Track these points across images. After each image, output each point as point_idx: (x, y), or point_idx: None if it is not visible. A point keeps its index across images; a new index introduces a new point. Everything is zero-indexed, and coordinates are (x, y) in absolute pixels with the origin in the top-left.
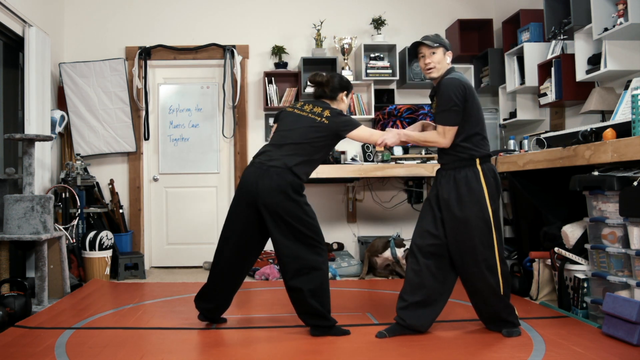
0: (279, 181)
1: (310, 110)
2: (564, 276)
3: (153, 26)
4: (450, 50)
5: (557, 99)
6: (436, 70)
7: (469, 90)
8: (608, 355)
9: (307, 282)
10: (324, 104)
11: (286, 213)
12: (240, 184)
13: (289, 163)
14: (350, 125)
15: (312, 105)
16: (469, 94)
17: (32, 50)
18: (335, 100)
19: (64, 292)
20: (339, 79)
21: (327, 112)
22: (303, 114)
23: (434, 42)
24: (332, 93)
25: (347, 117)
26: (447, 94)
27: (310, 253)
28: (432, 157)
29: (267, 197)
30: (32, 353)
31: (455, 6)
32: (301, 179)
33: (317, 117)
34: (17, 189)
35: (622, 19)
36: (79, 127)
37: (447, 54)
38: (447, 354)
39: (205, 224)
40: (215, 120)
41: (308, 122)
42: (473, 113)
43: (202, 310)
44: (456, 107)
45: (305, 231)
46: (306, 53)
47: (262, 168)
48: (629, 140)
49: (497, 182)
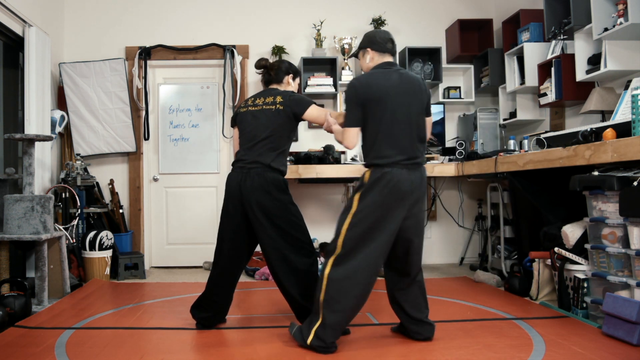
0: (260, 181)
1: (263, 102)
2: (564, 276)
3: (153, 26)
4: (367, 46)
5: (557, 99)
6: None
7: (362, 89)
8: (608, 355)
9: (297, 286)
10: (272, 91)
11: (271, 213)
12: (226, 189)
13: (265, 161)
14: (303, 104)
15: (263, 97)
16: (362, 93)
17: (32, 50)
18: (282, 83)
19: (64, 292)
20: (286, 63)
21: (278, 97)
22: (257, 109)
23: (357, 49)
24: (277, 76)
25: (298, 96)
26: (347, 93)
27: (298, 254)
28: (431, 157)
29: (251, 196)
30: (32, 353)
31: (455, 6)
32: (282, 172)
33: (271, 106)
34: (17, 189)
35: (622, 19)
36: (79, 127)
37: (366, 52)
38: (447, 354)
39: (205, 224)
40: (215, 120)
41: (266, 115)
42: (370, 117)
43: (199, 319)
44: (348, 108)
45: (292, 232)
46: (306, 53)
47: (243, 171)
48: (629, 140)
49: (373, 190)
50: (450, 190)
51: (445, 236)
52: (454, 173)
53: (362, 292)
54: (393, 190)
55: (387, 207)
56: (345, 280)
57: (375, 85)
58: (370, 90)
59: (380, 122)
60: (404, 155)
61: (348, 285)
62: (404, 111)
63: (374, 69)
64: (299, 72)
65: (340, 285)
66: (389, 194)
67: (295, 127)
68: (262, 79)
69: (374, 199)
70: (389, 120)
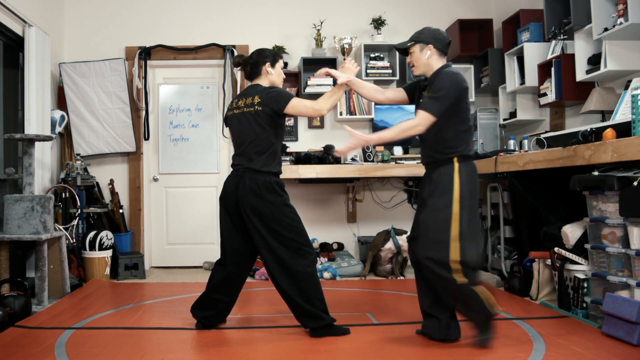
0: (252, 184)
1: (245, 104)
2: (564, 276)
3: (153, 26)
4: (430, 43)
5: (557, 99)
6: (416, 68)
7: (465, 92)
8: (608, 355)
9: (295, 288)
10: (253, 90)
11: (263, 216)
12: (222, 191)
13: (255, 166)
14: (280, 100)
15: (244, 98)
16: (465, 94)
17: (32, 50)
18: (262, 75)
19: (64, 292)
20: (257, 52)
21: (256, 97)
22: (240, 112)
23: (409, 40)
24: (255, 69)
25: (275, 91)
26: (445, 83)
27: (294, 257)
28: None
29: (244, 199)
30: (32, 353)
31: (455, 6)
32: (274, 173)
33: (251, 108)
34: (17, 189)
35: (622, 19)
36: (79, 127)
37: (427, 47)
38: (447, 354)
39: (205, 224)
40: (215, 120)
41: (248, 118)
42: (464, 112)
43: (199, 319)
44: (446, 97)
45: (287, 234)
46: (306, 53)
47: (238, 174)
48: (629, 140)
49: (472, 182)
50: None
51: None
52: None
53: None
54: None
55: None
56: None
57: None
58: (467, 91)
59: (469, 118)
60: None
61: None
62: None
63: (447, 67)
64: (276, 55)
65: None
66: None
67: (280, 125)
68: (244, 75)
69: (473, 186)
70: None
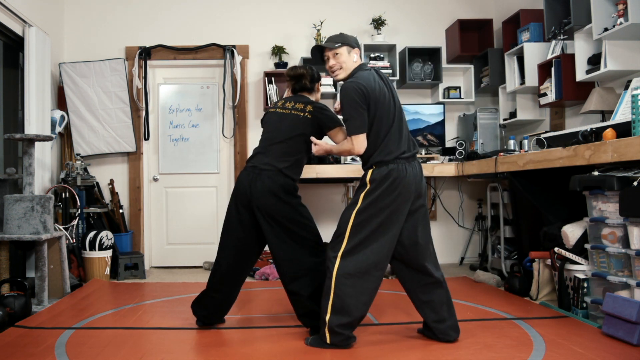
0: (270, 184)
1: (292, 107)
2: (564, 276)
3: (153, 26)
4: (357, 47)
5: (557, 99)
6: (342, 71)
7: (367, 91)
8: (608, 355)
9: (305, 285)
10: (304, 99)
11: (280, 215)
12: (235, 187)
13: (279, 165)
14: (334, 123)
15: (294, 102)
16: (368, 94)
17: (32, 50)
18: (314, 90)
19: (64, 292)
20: (313, 70)
21: (309, 107)
22: (286, 112)
23: (335, 42)
24: (312, 84)
25: (332, 113)
26: (344, 102)
27: (307, 255)
28: (432, 157)
29: (260, 198)
30: (32, 353)
31: (455, 6)
32: (293, 180)
33: (300, 112)
34: (17, 189)
35: (622, 19)
36: (79, 127)
37: (354, 51)
38: (448, 354)
39: (205, 224)
40: (215, 120)
41: (291, 119)
42: (373, 120)
43: (199, 316)
44: (355, 113)
45: (301, 232)
46: (306, 53)
47: (255, 171)
48: (629, 140)
49: (381, 187)
50: (450, 190)
51: (445, 236)
52: (454, 173)
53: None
54: (399, 185)
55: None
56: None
57: (373, 85)
58: (374, 91)
59: (386, 121)
60: (405, 150)
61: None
62: (398, 107)
63: (360, 70)
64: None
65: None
66: (395, 190)
67: (310, 142)
68: (292, 86)
69: (381, 195)
70: (391, 118)
